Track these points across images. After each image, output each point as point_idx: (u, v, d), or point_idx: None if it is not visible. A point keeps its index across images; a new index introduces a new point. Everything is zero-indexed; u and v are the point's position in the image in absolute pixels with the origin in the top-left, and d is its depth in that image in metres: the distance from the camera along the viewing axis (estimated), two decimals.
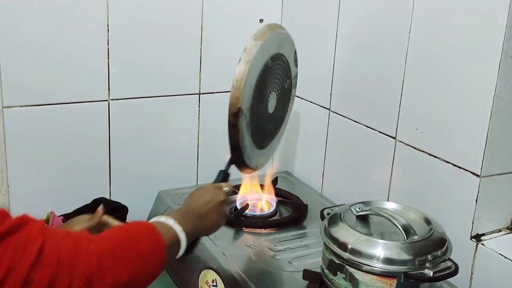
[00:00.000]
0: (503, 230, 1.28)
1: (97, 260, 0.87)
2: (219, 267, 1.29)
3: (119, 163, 1.67)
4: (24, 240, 0.82)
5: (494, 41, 1.14)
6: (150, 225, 1.02)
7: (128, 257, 0.93)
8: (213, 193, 1.18)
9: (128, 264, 0.92)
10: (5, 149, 1.50)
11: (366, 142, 1.53)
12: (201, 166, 1.81)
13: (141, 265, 0.94)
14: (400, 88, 1.39)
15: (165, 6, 1.63)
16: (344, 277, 1.08)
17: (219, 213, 1.18)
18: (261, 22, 1.79)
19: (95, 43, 1.56)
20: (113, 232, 0.98)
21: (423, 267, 1.02)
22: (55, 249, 0.84)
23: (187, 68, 1.72)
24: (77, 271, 0.84)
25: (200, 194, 1.18)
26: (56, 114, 1.55)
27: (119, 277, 0.90)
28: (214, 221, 1.16)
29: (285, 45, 1.41)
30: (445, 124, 1.28)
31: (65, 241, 0.87)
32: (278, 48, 1.37)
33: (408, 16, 1.34)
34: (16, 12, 1.43)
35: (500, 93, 1.16)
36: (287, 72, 1.45)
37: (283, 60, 1.42)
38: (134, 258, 0.93)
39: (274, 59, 1.35)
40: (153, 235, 1.00)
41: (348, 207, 1.16)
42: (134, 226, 1.01)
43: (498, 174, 1.23)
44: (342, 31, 1.58)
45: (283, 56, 1.40)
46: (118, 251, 0.92)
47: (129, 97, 1.64)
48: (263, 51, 1.29)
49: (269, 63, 1.32)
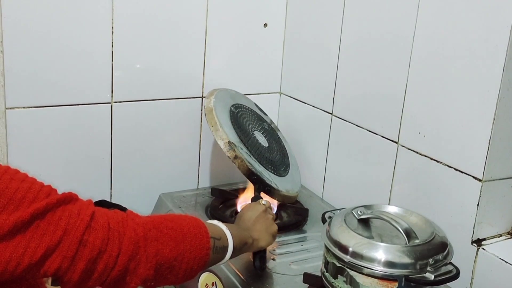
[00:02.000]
0: (504, 235, 1.28)
1: (143, 230, 0.94)
2: (219, 270, 1.29)
3: (121, 166, 1.68)
4: (77, 208, 0.89)
5: (498, 45, 1.15)
6: (194, 217, 1.07)
7: (171, 234, 0.97)
8: (254, 207, 1.30)
9: (171, 240, 0.96)
10: (7, 150, 1.50)
11: (368, 146, 1.53)
12: (202, 170, 1.81)
13: (184, 244, 0.98)
14: (402, 93, 1.39)
15: (170, 10, 1.63)
16: (345, 280, 1.08)
17: (265, 221, 1.27)
18: (265, 27, 1.80)
19: (99, 45, 1.56)
20: (157, 215, 1.04)
21: (424, 270, 1.02)
22: (105, 217, 0.92)
23: (190, 72, 1.72)
24: (125, 237, 0.91)
25: (242, 212, 1.29)
26: (59, 116, 1.55)
27: (162, 250, 0.95)
28: (262, 229, 1.24)
29: (239, 98, 1.67)
30: (447, 129, 1.28)
31: (113, 213, 0.95)
32: (233, 99, 1.63)
33: (412, 21, 1.34)
34: (20, 14, 1.44)
35: (503, 97, 1.16)
36: (259, 118, 1.69)
37: (246, 108, 1.66)
38: (178, 235, 0.98)
39: (236, 107, 1.61)
40: (197, 222, 1.04)
41: (349, 210, 1.16)
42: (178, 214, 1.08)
43: (500, 179, 1.23)
44: (345, 36, 1.59)
45: (243, 105, 1.66)
46: (161, 227, 0.97)
47: (132, 100, 1.65)
48: (219, 101, 1.54)
49: (233, 109, 1.58)
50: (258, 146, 1.55)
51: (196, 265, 1.00)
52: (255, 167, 1.45)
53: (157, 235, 0.95)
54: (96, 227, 0.89)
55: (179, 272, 0.98)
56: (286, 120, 1.89)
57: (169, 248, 0.95)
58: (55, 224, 0.85)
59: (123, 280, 0.92)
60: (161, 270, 0.95)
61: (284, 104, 1.90)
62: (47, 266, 0.85)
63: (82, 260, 0.87)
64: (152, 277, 0.94)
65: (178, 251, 0.97)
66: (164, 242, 0.95)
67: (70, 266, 0.86)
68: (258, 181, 1.44)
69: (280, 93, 1.90)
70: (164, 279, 0.97)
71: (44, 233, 0.84)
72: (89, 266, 0.88)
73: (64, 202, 0.88)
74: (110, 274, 0.90)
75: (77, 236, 0.86)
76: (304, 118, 1.80)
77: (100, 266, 0.89)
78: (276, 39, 1.85)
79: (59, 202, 0.87)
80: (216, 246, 1.04)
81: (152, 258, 0.93)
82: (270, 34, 1.83)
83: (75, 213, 0.88)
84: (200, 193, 1.72)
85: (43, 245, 0.84)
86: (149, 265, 0.93)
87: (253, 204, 1.33)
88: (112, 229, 0.90)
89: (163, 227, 0.97)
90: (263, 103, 1.85)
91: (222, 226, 1.11)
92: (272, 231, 1.28)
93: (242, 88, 1.81)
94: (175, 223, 1.00)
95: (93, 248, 0.87)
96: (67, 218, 0.86)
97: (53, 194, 0.88)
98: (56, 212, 0.86)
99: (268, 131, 1.67)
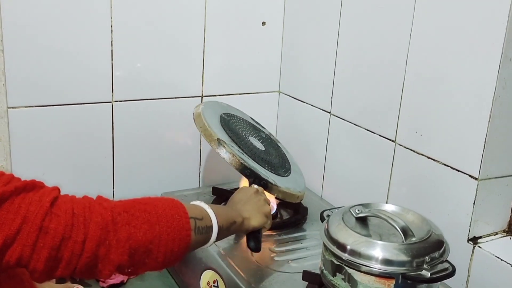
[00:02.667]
0: (499, 233, 1.29)
1: (111, 214, 0.89)
2: (220, 268, 1.30)
3: (122, 165, 1.69)
4: (39, 195, 0.86)
5: (494, 44, 1.15)
6: (170, 198, 1.02)
7: (144, 216, 0.92)
8: (244, 189, 1.29)
9: (144, 222, 0.92)
10: (10, 149, 1.51)
11: (366, 145, 1.54)
12: (204, 169, 1.83)
13: (160, 226, 0.93)
14: (400, 92, 1.40)
15: (168, 9, 1.64)
16: (343, 278, 1.09)
17: (256, 202, 1.25)
18: (263, 25, 1.81)
19: (99, 45, 1.57)
20: (130, 199, 0.98)
21: (420, 268, 1.03)
22: (69, 203, 0.88)
23: (190, 71, 1.73)
24: (91, 223, 0.87)
25: (233, 195, 1.28)
26: (60, 115, 1.56)
27: (135, 234, 0.90)
28: (253, 208, 1.22)
29: (231, 109, 1.64)
30: (444, 128, 1.29)
31: (79, 198, 0.91)
32: (224, 109, 1.61)
33: (409, 20, 1.35)
34: (21, 14, 1.45)
35: (499, 96, 1.17)
36: (255, 127, 1.65)
37: (238, 118, 1.63)
38: (151, 217, 0.93)
39: (227, 115, 1.57)
40: (174, 203, 0.99)
41: (347, 209, 1.17)
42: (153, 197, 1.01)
43: (496, 177, 1.24)
44: (343, 35, 1.60)
45: (235, 115, 1.62)
46: (133, 210, 0.93)
47: (132, 99, 1.66)
48: (208, 109, 1.52)
49: (224, 116, 1.55)
50: (253, 147, 1.51)
51: (177, 247, 0.95)
52: (248, 162, 1.39)
53: (128, 219, 0.90)
54: (58, 213, 0.85)
55: (158, 256, 0.93)
56: (284, 119, 1.90)
57: (143, 231, 0.91)
58: (14, 213, 0.82)
59: (95, 267, 0.88)
60: (137, 255, 0.91)
61: (283, 103, 1.91)
62: (8, 256, 0.82)
63: (44, 248, 0.83)
64: (127, 262, 0.90)
65: (153, 233, 0.92)
66: (137, 225, 0.90)
67: (33, 255, 0.83)
68: (252, 175, 1.37)
69: (279, 92, 1.91)
70: (143, 265, 0.93)
71: (3, 222, 0.81)
72: (53, 254, 0.84)
73: (25, 190, 0.85)
74: (79, 262, 0.86)
75: (36, 223, 0.83)
76: (303, 117, 1.81)
77: (66, 253, 0.85)
78: (275, 38, 1.86)
79: (18, 190, 0.84)
80: (198, 227, 1.00)
81: (124, 242, 0.88)
82: (269, 33, 1.84)
83: (36, 200, 0.84)
84: (201, 192, 1.73)
85: (2, 235, 0.81)
86: (121, 250, 0.88)
87: (244, 187, 1.31)
88: (77, 214, 0.86)
89: (135, 210, 0.93)
90: (261, 102, 1.86)
91: (204, 206, 1.07)
92: (265, 210, 1.25)
93: (241, 87, 1.82)
94: (149, 205, 0.95)
95: (55, 235, 0.83)
96: (27, 206, 0.83)
97: (13, 182, 0.85)
98: (15, 200, 0.83)
99: (266, 139, 1.63)
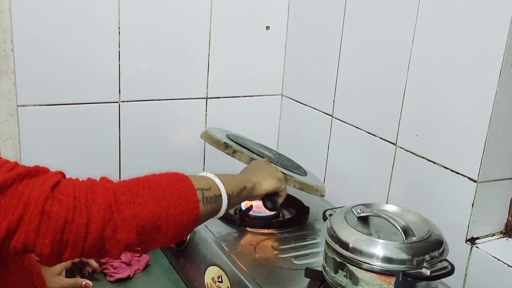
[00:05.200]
0: (497, 234, 1.31)
1: (113, 194, 0.88)
2: (224, 264, 1.32)
3: (128, 163, 1.72)
4: (42, 180, 0.86)
5: (495, 50, 1.17)
6: (175, 172, 1.00)
7: (149, 193, 0.91)
8: (255, 161, 1.29)
9: (149, 199, 0.90)
10: (19, 147, 1.54)
11: (367, 147, 1.56)
12: (207, 168, 1.85)
13: (166, 201, 0.92)
14: (401, 95, 1.42)
15: (175, 12, 1.67)
16: (344, 275, 1.10)
17: (268, 168, 1.25)
18: (267, 30, 1.83)
19: (107, 47, 1.60)
20: (134, 178, 0.96)
21: (420, 266, 1.05)
22: (71, 186, 0.87)
23: (195, 73, 1.76)
24: (94, 204, 0.86)
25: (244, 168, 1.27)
26: (69, 114, 1.59)
27: (141, 212, 0.88)
28: (264, 174, 1.22)
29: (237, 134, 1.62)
30: (444, 131, 1.31)
31: (81, 181, 0.91)
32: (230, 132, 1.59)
33: (411, 25, 1.37)
34: (31, 15, 1.48)
35: (499, 101, 1.19)
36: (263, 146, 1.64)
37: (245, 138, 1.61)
38: (157, 193, 0.91)
39: (234, 136, 1.55)
40: (178, 176, 0.98)
41: (349, 208, 1.18)
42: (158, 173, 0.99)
43: (494, 180, 1.26)
44: (346, 39, 1.62)
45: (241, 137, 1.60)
46: (137, 188, 0.91)
47: (139, 100, 1.69)
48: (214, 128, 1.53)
49: (230, 136, 1.53)
50: (262, 154, 1.51)
51: (186, 220, 0.93)
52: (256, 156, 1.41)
53: (132, 197, 0.89)
54: (59, 196, 0.84)
55: (167, 231, 0.91)
56: (287, 122, 1.93)
57: (149, 208, 0.89)
58: (18, 199, 0.82)
59: (102, 248, 0.87)
60: (146, 233, 0.89)
61: (285, 106, 1.93)
62: (14, 242, 0.83)
63: (48, 232, 0.83)
64: (136, 241, 0.89)
65: (160, 209, 0.90)
66: (142, 203, 0.89)
67: (37, 239, 0.83)
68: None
69: (282, 95, 1.93)
70: (153, 241, 0.92)
71: (6, 209, 0.82)
72: (58, 237, 0.83)
73: (28, 176, 0.85)
74: (86, 244, 0.85)
75: (37, 207, 0.82)
76: (305, 119, 1.83)
77: (71, 236, 0.84)
78: (278, 42, 1.88)
79: (21, 176, 0.84)
80: (207, 197, 0.98)
81: (130, 221, 0.87)
82: (273, 37, 1.86)
83: (38, 185, 0.84)
84: None
85: (6, 221, 0.81)
86: (128, 229, 0.87)
87: (254, 161, 1.31)
88: (78, 197, 0.85)
89: (139, 188, 0.91)
90: (265, 104, 1.88)
91: (211, 175, 1.05)
92: (277, 175, 1.23)
93: (245, 89, 1.84)
94: (153, 182, 0.94)
95: (57, 218, 0.83)
96: (29, 191, 0.83)
97: (16, 169, 0.85)
98: (18, 187, 0.83)
99: (275, 153, 1.63)
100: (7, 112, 1.50)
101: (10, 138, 1.51)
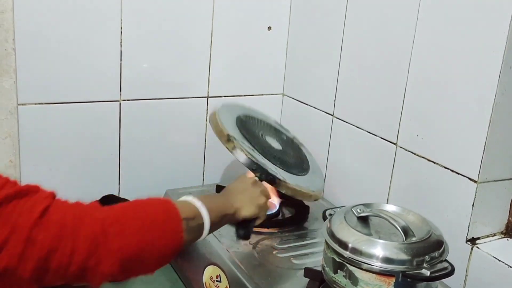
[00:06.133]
0: (497, 235, 1.30)
1: (101, 225, 0.86)
2: (223, 263, 1.32)
3: (128, 162, 1.71)
4: (31, 204, 0.83)
5: (495, 52, 1.17)
6: (163, 198, 1.01)
7: (136, 224, 0.90)
8: (241, 178, 1.27)
9: (137, 231, 0.90)
10: (19, 145, 1.54)
11: (368, 147, 1.56)
12: (207, 167, 1.85)
13: (152, 234, 0.91)
14: (402, 96, 1.42)
15: (177, 11, 1.67)
16: (344, 275, 1.10)
17: (251, 192, 1.23)
18: (269, 30, 1.83)
19: (109, 46, 1.59)
20: (123, 204, 0.95)
21: (420, 267, 1.05)
22: (60, 213, 0.85)
23: (196, 72, 1.75)
24: (80, 235, 0.84)
25: (230, 184, 1.25)
26: (69, 112, 1.58)
27: (127, 243, 0.88)
28: (246, 199, 1.20)
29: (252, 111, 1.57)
30: (444, 132, 1.31)
31: (72, 207, 0.88)
32: (244, 111, 1.53)
33: (412, 26, 1.37)
34: (33, 13, 1.47)
35: (499, 102, 1.19)
36: (276, 130, 1.59)
37: (257, 120, 1.56)
38: (144, 225, 0.91)
39: (246, 117, 1.51)
40: (166, 206, 0.97)
41: (349, 208, 1.18)
42: (145, 199, 0.99)
43: (494, 180, 1.25)
44: (347, 40, 1.62)
45: (254, 118, 1.55)
46: (125, 219, 0.90)
47: (140, 98, 1.68)
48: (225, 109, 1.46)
49: (242, 117, 1.48)
50: (267, 146, 1.47)
51: (170, 251, 0.94)
52: (257, 157, 1.35)
53: (119, 229, 0.88)
54: (47, 224, 0.82)
55: (150, 262, 0.92)
56: (288, 121, 1.91)
57: (135, 241, 0.89)
58: (4, 222, 0.80)
59: (84, 277, 0.86)
60: (129, 264, 0.89)
61: (286, 105, 1.93)
62: None
63: (31, 259, 0.81)
64: (119, 272, 0.88)
65: (146, 242, 0.90)
66: (129, 235, 0.88)
67: (19, 265, 0.80)
68: (259, 170, 1.31)
69: (283, 94, 1.93)
70: (136, 271, 0.92)
71: None
72: (40, 264, 0.81)
73: (17, 197, 0.82)
74: (67, 272, 0.84)
75: (23, 233, 0.80)
76: (306, 119, 1.83)
77: (54, 264, 0.82)
78: (280, 42, 1.88)
79: (9, 197, 0.81)
80: (190, 227, 0.98)
81: (114, 253, 0.86)
82: (274, 37, 1.86)
83: (27, 209, 0.82)
84: (205, 190, 1.75)
85: None
86: (112, 261, 0.86)
87: (242, 176, 1.28)
88: (66, 226, 0.83)
89: (127, 218, 0.90)
90: (266, 103, 1.88)
91: (197, 203, 1.04)
92: (258, 202, 1.22)
93: (246, 89, 1.84)
94: (140, 212, 0.93)
95: (42, 247, 0.81)
96: (17, 216, 0.81)
97: (6, 188, 0.82)
98: (6, 208, 0.80)
99: (286, 141, 1.58)
100: (7, 111, 1.49)
101: (9, 136, 1.51)
